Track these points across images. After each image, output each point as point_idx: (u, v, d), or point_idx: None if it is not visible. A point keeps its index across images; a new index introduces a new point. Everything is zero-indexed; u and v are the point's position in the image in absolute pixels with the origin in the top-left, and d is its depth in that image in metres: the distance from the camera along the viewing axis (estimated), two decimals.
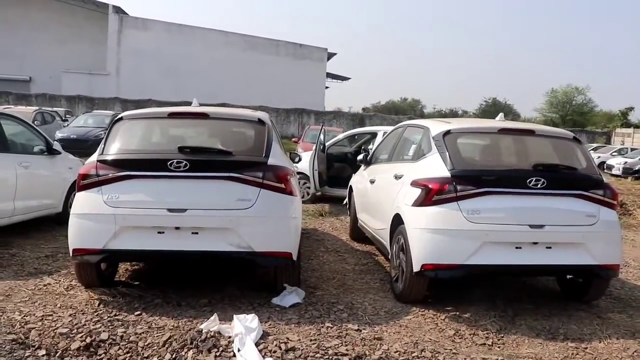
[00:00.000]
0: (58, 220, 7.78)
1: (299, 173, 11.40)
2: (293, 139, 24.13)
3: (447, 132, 5.31)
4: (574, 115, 59.11)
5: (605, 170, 28.56)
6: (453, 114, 61.44)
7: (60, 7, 47.00)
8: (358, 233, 7.76)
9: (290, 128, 40.17)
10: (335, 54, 54.24)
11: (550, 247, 4.93)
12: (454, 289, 5.64)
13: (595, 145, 36.91)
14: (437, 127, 5.55)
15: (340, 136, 13.02)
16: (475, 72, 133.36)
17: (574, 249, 4.98)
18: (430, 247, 4.87)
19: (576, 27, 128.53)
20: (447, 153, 5.11)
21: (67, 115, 28.06)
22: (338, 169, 11.82)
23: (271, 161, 4.91)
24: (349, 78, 64.74)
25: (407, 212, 5.17)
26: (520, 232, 4.84)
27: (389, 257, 5.80)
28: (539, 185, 4.87)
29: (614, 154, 31.59)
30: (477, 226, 4.79)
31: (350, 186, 8.44)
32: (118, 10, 47.06)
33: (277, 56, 48.42)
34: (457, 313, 4.95)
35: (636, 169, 25.90)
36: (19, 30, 46.52)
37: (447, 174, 4.95)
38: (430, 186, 4.96)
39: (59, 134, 18.68)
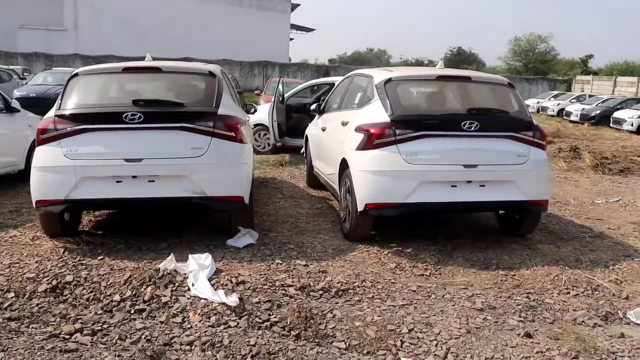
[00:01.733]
0: (21, 178, 7.87)
1: (259, 125, 11.73)
2: (256, 92, 24.14)
3: (389, 80, 5.64)
4: (537, 63, 59.75)
5: (564, 117, 29.30)
6: (419, 64, 61.46)
7: None
8: (314, 180, 8.13)
9: (255, 81, 39.98)
10: (298, 4, 53.63)
11: (483, 185, 5.36)
12: (399, 227, 6.08)
13: (555, 92, 37.62)
14: (379, 75, 5.87)
15: (300, 87, 13.17)
16: (443, 22, 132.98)
17: (505, 186, 5.42)
18: (372, 187, 5.26)
19: None
20: (388, 100, 5.45)
21: (24, 73, 27.48)
22: (297, 119, 12.02)
23: (221, 111, 5.18)
24: (314, 29, 64.15)
25: (352, 156, 5.53)
26: (455, 171, 5.25)
27: (338, 200, 6.19)
28: (472, 128, 5.26)
29: (572, 100, 32.26)
30: (415, 167, 5.18)
31: (306, 135, 8.76)
32: None
33: (240, 7, 47.61)
34: (400, 248, 5.37)
35: (592, 115, 26.57)
36: None
37: (387, 119, 5.30)
38: (371, 131, 5.31)
39: (17, 93, 18.36)
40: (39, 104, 14.63)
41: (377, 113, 5.45)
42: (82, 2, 44.38)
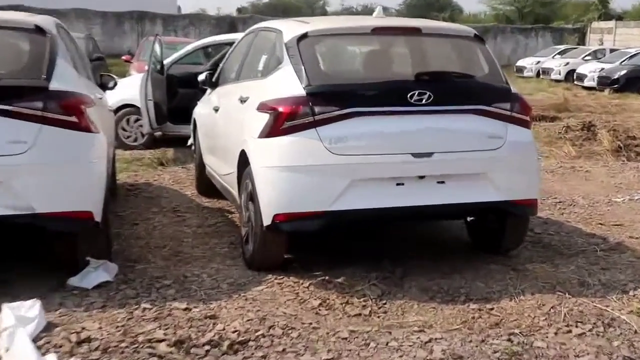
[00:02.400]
0: None
1: (127, 105, 11.61)
2: (124, 57, 23.64)
3: (304, 36, 5.70)
4: (536, 6, 61.40)
5: (575, 82, 30.27)
6: (368, 13, 62.13)
7: None
8: (206, 184, 8.16)
9: (125, 41, 39.49)
10: None
11: (442, 182, 5.51)
12: (327, 248, 6.17)
13: (562, 47, 38.86)
14: (291, 29, 5.94)
15: (188, 48, 13.11)
16: None
17: (474, 182, 5.59)
18: (283, 190, 5.31)
19: None
20: (302, 64, 5.50)
21: None
22: (185, 97, 11.93)
23: (55, 86, 5.10)
24: None
25: (253, 147, 5.57)
26: (401, 163, 5.37)
27: (239, 210, 6.23)
28: (423, 101, 5.37)
29: (587, 58, 33.37)
30: (344, 159, 5.25)
31: (194, 119, 8.77)
32: None
33: None
34: (327, 278, 5.41)
35: (615, 77, 27.18)
36: None
37: (302, 91, 5.35)
38: (279, 109, 5.35)
39: None
40: None
41: (287, 83, 5.50)
42: None
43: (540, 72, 34.65)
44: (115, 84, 8.25)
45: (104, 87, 7.56)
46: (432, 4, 63.66)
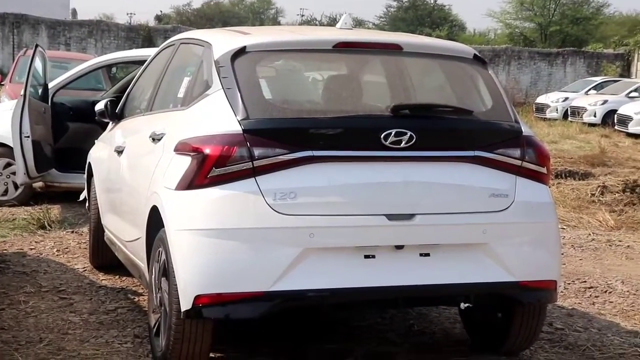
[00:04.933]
0: None
1: None
2: None
3: (241, 52, 5.77)
4: (564, 23, 62.30)
5: (616, 127, 30.74)
6: (331, 24, 62.84)
7: None
8: (105, 254, 8.23)
9: None
10: None
11: (427, 254, 5.57)
12: (272, 341, 6.24)
13: (599, 79, 39.44)
14: (224, 42, 6.04)
15: (83, 68, 13.14)
16: None
17: (470, 256, 5.68)
18: (209, 263, 5.33)
19: None
20: (239, 90, 5.59)
21: None
22: (77, 134, 12.02)
23: None
24: None
25: (169, 202, 5.61)
26: (371, 227, 5.43)
27: (148, 289, 6.27)
28: (403, 143, 5.47)
29: (632, 94, 33.85)
30: (294, 220, 5.31)
31: (89, 164, 8.82)
32: None
33: None
34: None
35: None
36: None
37: (237, 127, 5.40)
38: (205, 151, 5.40)
39: None
40: None
41: (217, 116, 5.57)
42: None
43: (569, 112, 34.98)
44: None
45: None
46: (423, 18, 64.39)
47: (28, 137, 10.96)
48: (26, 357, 6.02)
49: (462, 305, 6.35)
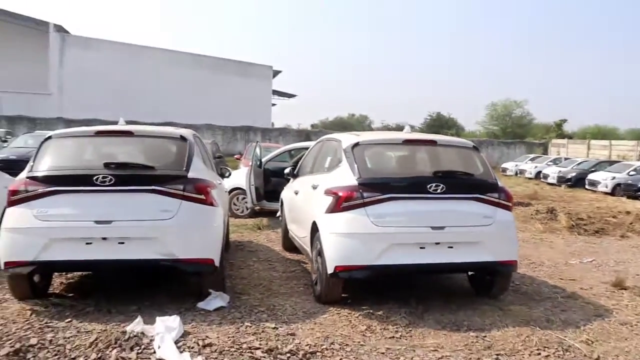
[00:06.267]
0: None
1: (237, 188, 11.81)
2: (236, 157, 24.37)
3: (356, 144, 5.81)
4: (514, 127, 61.14)
5: (541, 179, 29.77)
6: (399, 129, 62.49)
7: None
8: (289, 243, 8.17)
9: (237, 146, 40.25)
10: (280, 71, 54.85)
11: (451, 247, 5.45)
12: (371, 290, 6.09)
13: (532, 155, 38.29)
14: (347, 140, 6.04)
15: (277, 151, 13.35)
16: (424, 87, 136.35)
17: (473, 248, 5.51)
18: (341, 250, 5.32)
19: (514, 46, 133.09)
20: (355, 163, 5.59)
21: (7, 136, 27.61)
22: (276, 183, 12.11)
23: (192, 174, 5.29)
24: (295, 95, 65.29)
25: (321, 219, 5.62)
26: (422, 233, 5.35)
27: (311, 262, 6.24)
28: (438, 190, 5.39)
29: (549, 163, 32.81)
30: (383, 229, 5.27)
31: (282, 199, 8.86)
32: (59, 29, 46.32)
33: (224, 75, 48.50)
34: (371, 311, 5.39)
35: (568, 177, 27.10)
36: None
37: (355, 182, 5.43)
38: (339, 194, 5.42)
39: None
40: (18, 166, 14.63)
41: (345, 176, 5.58)
42: (68, 67, 44.95)
43: (518, 172, 34.08)
44: (230, 174, 8.45)
45: (222, 176, 7.77)
46: (443, 124, 63.72)
47: (252, 185, 11.15)
48: (254, 292, 6.07)
49: (470, 273, 6.21)
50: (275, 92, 56.84)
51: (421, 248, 5.39)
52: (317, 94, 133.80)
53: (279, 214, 9.33)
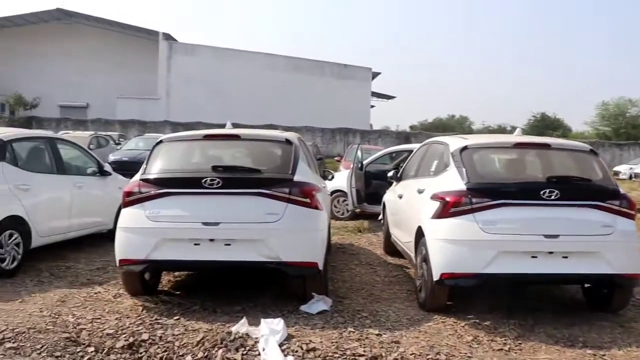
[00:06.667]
0: (110, 237, 8.22)
1: (338, 191, 11.83)
2: (336, 159, 24.59)
3: (464, 148, 5.60)
4: (628, 127, 57.24)
5: None
6: (501, 130, 60.55)
7: (114, 37, 49.34)
8: (391, 247, 8.03)
9: (336, 148, 40.55)
10: (379, 73, 54.60)
11: (566, 257, 5.11)
12: (477, 298, 5.85)
13: None
14: (455, 143, 5.84)
15: (379, 154, 13.28)
16: (526, 87, 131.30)
17: (590, 258, 5.15)
18: (448, 256, 5.14)
19: (626, 39, 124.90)
20: (464, 167, 5.39)
21: (120, 139, 29.43)
22: (377, 186, 12.02)
23: (297, 178, 5.32)
24: (394, 97, 64.76)
25: (428, 224, 5.47)
26: (535, 241, 5.06)
27: (415, 267, 6.09)
28: (552, 197, 5.08)
29: None
30: (493, 236, 5.04)
31: (384, 202, 8.76)
32: (168, 37, 48.86)
33: (322, 77, 49.10)
34: (477, 321, 5.17)
35: None
36: (76, 60, 49.06)
37: (463, 187, 5.23)
38: (447, 199, 5.25)
39: (112, 157, 19.70)
40: (130, 167, 15.53)
41: (453, 181, 5.39)
42: (175, 73, 47.39)
43: (633, 175, 31.97)
44: (333, 176, 8.47)
45: (325, 178, 7.78)
46: (548, 125, 60.80)
47: (354, 187, 11.12)
48: (356, 296, 6.01)
49: (586, 285, 5.83)
50: (374, 94, 56.72)
51: (533, 257, 5.09)
52: (414, 94, 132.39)
53: (380, 217, 9.22)
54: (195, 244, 5.12)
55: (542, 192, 5.09)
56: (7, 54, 49.12)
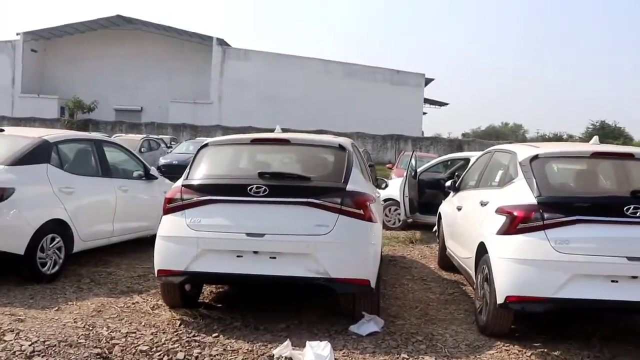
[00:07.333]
0: (154, 242, 8.09)
1: (390, 199, 11.38)
2: (387, 165, 24.05)
3: (535, 157, 5.07)
4: None
5: None
6: (557, 139, 58.28)
7: (170, 42, 50.28)
8: (446, 261, 7.52)
9: (387, 154, 40.03)
10: (432, 79, 53.75)
11: None
12: (544, 323, 5.30)
13: None
14: (524, 151, 5.31)
15: (433, 162, 12.78)
16: (583, 94, 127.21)
17: None
18: (515, 278, 4.60)
19: None
20: (534, 179, 4.85)
21: (172, 142, 29.75)
22: (430, 195, 11.54)
23: (350, 187, 4.89)
24: (447, 103, 63.65)
25: (491, 241, 4.95)
26: (616, 264, 4.46)
27: (474, 287, 5.58)
28: (638, 214, 4.50)
29: None
30: (567, 257, 4.48)
31: (439, 213, 8.25)
32: (221, 42, 49.45)
33: (374, 83, 48.64)
34: (546, 350, 4.63)
35: None
36: (132, 64, 50.29)
37: (534, 200, 4.69)
38: (515, 213, 4.72)
39: (162, 160, 19.78)
40: (180, 170, 15.47)
41: (521, 193, 4.86)
42: (227, 78, 47.98)
43: None
44: (386, 185, 8.03)
45: (378, 187, 7.34)
46: (607, 134, 58.39)
47: (407, 196, 10.68)
48: (410, 316, 5.54)
49: None
50: (426, 101, 55.84)
51: (613, 282, 4.49)
52: (468, 102, 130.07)
53: (435, 228, 8.71)
54: (238, 256, 4.75)
55: (625, 209, 4.50)
56: (67, 60, 50.74)
